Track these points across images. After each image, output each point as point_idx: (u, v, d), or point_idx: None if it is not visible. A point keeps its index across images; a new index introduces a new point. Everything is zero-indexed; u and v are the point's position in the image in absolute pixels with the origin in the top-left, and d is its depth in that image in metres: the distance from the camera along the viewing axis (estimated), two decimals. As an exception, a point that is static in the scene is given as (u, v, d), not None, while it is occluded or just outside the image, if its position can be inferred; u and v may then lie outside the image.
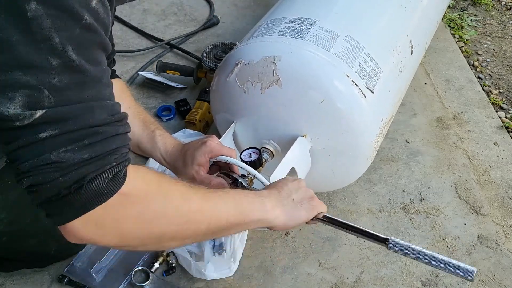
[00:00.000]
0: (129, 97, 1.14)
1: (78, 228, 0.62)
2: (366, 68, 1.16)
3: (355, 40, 1.18)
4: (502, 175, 1.54)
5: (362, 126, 1.15)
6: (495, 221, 1.41)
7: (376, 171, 1.53)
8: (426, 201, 1.46)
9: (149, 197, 0.67)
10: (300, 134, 1.18)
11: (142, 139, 1.08)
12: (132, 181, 0.65)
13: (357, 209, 1.43)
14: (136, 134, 1.06)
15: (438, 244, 1.35)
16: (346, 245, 1.34)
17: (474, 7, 2.39)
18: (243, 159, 1.15)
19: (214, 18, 2.14)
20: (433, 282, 1.26)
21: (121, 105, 0.69)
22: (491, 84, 1.95)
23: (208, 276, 1.20)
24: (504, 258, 1.32)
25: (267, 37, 1.18)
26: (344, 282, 1.26)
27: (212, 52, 1.76)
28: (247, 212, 0.85)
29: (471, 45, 2.15)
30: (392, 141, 1.63)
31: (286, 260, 1.30)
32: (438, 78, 1.91)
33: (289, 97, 1.13)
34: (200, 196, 0.77)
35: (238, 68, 1.17)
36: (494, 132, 1.69)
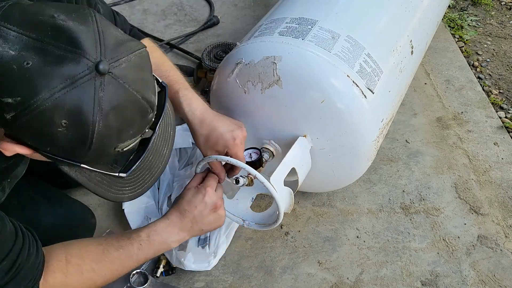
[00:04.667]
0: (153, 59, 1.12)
1: None
2: (366, 69, 1.16)
3: (356, 41, 1.18)
4: (502, 175, 1.54)
5: (362, 126, 1.15)
6: (495, 221, 1.41)
7: (376, 171, 1.53)
8: (426, 201, 1.46)
9: None
10: (300, 134, 1.18)
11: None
12: None
13: (357, 209, 1.43)
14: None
15: (438, 244, 1.35)
16: (346, 245, 1.34)
17: (474, 7, 2.39)
18: (243, 159, 1.15)
19: (214, 18, 2.13)
20: (433, 282, 1.26)
21: None
22: (491, 84, 1.95)
23: (186, 266, 1.22)
24: (504, 258, 1.32)
25: (267, 37, 1.18)
26: (344, 282, 1.26)
27: (212, 52, 1.75)
28: (153, 257, 1.02)
29: (471, 45, 2.15)
30: (392, 141, 1.63)
31: (286, 260, 1.30)
32: (438, 78, 1.91)
33: (290, 97, 1.13)
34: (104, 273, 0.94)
35: (238, 68, 1.17)
36: (494, 132, 1.69)
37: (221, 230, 1.28)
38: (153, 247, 1.00)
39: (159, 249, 1.02)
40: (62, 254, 0.91)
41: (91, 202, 1.39)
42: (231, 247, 1.30)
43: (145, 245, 0.99)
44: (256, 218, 1.20)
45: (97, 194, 0.81)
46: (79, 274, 0.91)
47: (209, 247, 1.26)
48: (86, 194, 1.43)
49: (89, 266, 0.92)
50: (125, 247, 0.97)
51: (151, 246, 0.99)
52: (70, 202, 1.27)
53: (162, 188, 1.40)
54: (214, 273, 1.26)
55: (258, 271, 1.27)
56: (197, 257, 1.23)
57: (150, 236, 0.99)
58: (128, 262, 0.98)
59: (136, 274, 1.22)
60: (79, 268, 0.91)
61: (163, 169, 0.89)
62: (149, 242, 0.99)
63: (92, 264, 0.93)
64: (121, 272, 0.98)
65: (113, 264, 0.95)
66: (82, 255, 0.93)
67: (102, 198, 1.37)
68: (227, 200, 1.24)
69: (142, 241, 0.98)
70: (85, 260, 0.93)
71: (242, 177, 1.09)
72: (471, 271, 1.29)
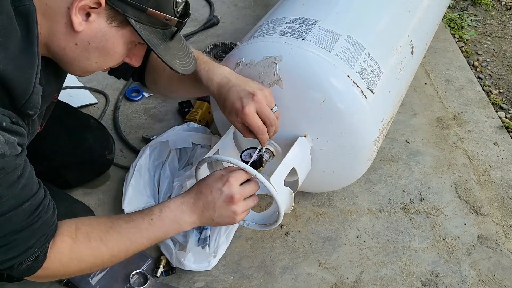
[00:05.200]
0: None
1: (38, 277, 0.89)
2: (366, 69, 1.16)
3: (356, 41, 1.18)
4: (502, 175, 1.54)
5: (362, 126, 1.15)
6: (495, 221, 1.41)
7: (376, 171, 1.53)
8: (426, 201, 1.46)
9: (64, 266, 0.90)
10: (300, 134, 1.18)
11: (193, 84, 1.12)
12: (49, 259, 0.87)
13: (357, 209, 1.43)
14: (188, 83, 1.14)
15: (438, 244, 1.35)
16: (346, 245, 1.34)
17: (474, 7, 2.39)
18: (243, 159, 1.15)
19: (214, 18, 2.14)
20: (433, 282, 1.26)
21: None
22: (491, 84, 1.95)
23: (186, 266, 1.21)
24: (504, 258, 1.32)
25: (268, 37, 1.18)
26: (344, 282, 1.26)
27: (212, 52, 1.76)
28: (163, 238, 1.00)
29: (471, 45, 2.15)
30: (392, 141, 1.63)
31: (286, 260, 1.30)
32: (438, 78, 1.91)
33: (290, 97, 1.13)
34: (112, 245, 0.93)
35: (239, 68, 1.17)
36: (494, 132, 1.69)
37: (221, 230, 1.28)
38: (164, 224, 0.97)
39: (170, 228, 0.98)
40: (73, 222, 0.92)
41: (91, 202, 1.39)
42: (231, 247, 1.30)
43: (156, 220, 0.96)
44: (256, 218, 1.20)
45: (158, 54, 0.85)
46: (87, 242, 0.90)
47: (209, 247, 1.26)
48: (87, 194, 1.43)
49: (97, 235, 0.91)
50: (135, 220, 0.95)
51: (162, 223, 0.97)
52: (70, 202, 1.27)
53: (162, 188, 1.40)
54: (214, 273, 1.26)
55: (258, 271, 1.28)
56: (197, 257, 1.23)
57: (162, 211, 0.97)
58: (137, 236, 0.95)
59: (136, 274, 1.22)
60: (87, 236, 0.90)
61: (195, 63, 0.97)
62: (160, 218, 0.97)
63: (100, 233, 0.92)
64: (129, 248, 0.95)
65: (122, 236, 0.93)
66: (91, 224, 0.93)
67: (102, 198, 1.39)
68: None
69: (154, 216, 0.96)
70: (94, 229, 0.92)
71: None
72: (471, 271, 1.29)
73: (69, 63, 0.86)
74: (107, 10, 0.78)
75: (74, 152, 1.32)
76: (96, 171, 1.44)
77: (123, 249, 0.94)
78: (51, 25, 0.79)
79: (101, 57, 0.86)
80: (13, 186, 0.76)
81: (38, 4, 0.75)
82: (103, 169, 1.44)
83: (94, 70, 0.90)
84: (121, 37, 0.84)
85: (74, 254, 0.90)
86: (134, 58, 0.92)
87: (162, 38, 0.88)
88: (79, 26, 0.78)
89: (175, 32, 0.90)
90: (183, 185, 1.37)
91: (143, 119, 1.69)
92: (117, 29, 0.82)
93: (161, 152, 1.45)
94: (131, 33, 0.84)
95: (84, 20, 0.78)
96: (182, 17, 0.90)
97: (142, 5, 0.80)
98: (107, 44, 0.83)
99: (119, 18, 0.81)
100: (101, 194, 1.44)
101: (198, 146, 1.47)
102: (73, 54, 0.83)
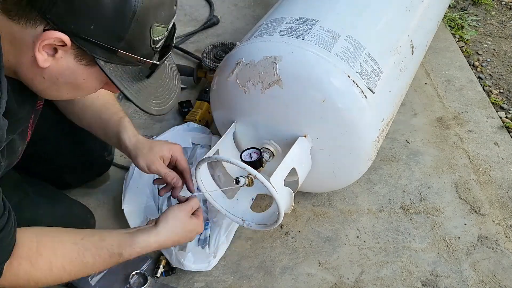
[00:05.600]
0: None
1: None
2: (367, 68, 1.16)
3: (356, 40, 1.18)
4: (502, 175, 1.54)
5: (362, 126, 1.15)
6: (495, 221, 1.41)
7: (376, 171, 1.52)
8: (427, 201, 1.45)
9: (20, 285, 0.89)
10: (300, 134, 1.18)
11: (110, 124, 1.17)
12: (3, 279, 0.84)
13: (357, 209, 1.43)
14: (104, 120, 1.17)
15: (438, 244, 1.35)
16: (346, 245, 1.34)
17: (475, 7, 2.39)
18: (243, 159, 1.15)
19: (214, 18, 2.13)
20: (433, 283, 1.26)
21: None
22: (492, 84, 1.95)
23: (186, 266, 1.21)
24: (504, 258, 1.32)
25: (267, 37, 1.18)
26: (344, 283, 1.25)
27: (212, 52, 1.75)
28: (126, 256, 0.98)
29: (471, 45, 2.15)
30: (392, 141, 1.63)
31: (286, 260, 1.30)
32: (438, 78, 1.91)
33: (290, 97, 1.13)
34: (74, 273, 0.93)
35: (238, 68, 1.16)
36: (494, 132, 1.69)
37: (221, 230, 1.28)
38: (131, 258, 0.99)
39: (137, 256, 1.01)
40: (34, 242, 0.89)
41: (90, 203, 1.39)
42: (231, 247, 1.30)
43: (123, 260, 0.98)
44: (256, 218, 1.20)
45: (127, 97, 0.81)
46: (48, 270, 0.89)
47: (209, 247, 1.26)
48: (86, 194, 1.43)
49: (60, 264, 0.90)
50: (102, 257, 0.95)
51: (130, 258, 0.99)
52: (69, 202, 1.27)
53: (162, 188, 1.40)
54: (214, 273, 1.26)
55: (258, 271, 1.27)
56: (197, 257, 1.23)
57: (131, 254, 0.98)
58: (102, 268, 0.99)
59: (135, 275, 1.22)
60: (49, 264, 0.89)
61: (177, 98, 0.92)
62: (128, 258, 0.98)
63: (64, 263, 0.91)
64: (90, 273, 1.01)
65: (86, 269, 0.95)
66: (55, 250, 0.91)
67: (101, 199, 1.39)
68: (227, 200, 1.24)
69: (122, 258, 0.97)
70: (58, 257, 0.91)
71: (243, 177, 1.09)
72: (472, 271, 1.28)
73: (39, 92, 0.83)
74: (74, 49, 0.74)
75: (74, 154, 1.32)
76: (95, 172, 1.43)
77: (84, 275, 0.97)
78: (18, 55, 0.75)
79: (72, 91, 0.83)
80: None
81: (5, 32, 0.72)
82: (102, 170, 1.44)
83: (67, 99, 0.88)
84: (91, 74, 0.79)
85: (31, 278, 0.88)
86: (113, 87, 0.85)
87: (137, 76, 0.82)
88: (44, 62, 0.74)
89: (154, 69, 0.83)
90: (183, 185, 1.37)
91: (143, 119, 1.69)
92: (87, 67, 0.78)
93: (161, 152, 1.45)
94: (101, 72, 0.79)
95: (50, 55, 0.74)
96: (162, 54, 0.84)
97: (111, 47, 0.75)
98: (76, 80, 0.80)
99: (87, 57, 0.76)
100: (100, 194, 1.44)
101: (198, 146, 1.47)
102: (42, 86, 0.80)
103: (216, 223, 1.29)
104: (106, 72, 0.77)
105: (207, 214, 1.33)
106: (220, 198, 1.23)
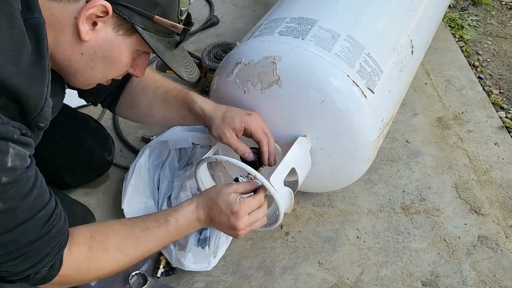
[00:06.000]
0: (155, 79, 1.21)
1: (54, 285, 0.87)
2: (366, 68, 1.16)
3: (356, 40, 1.18)
4: (502, 175, 1.54)
5: (362, 126, 1.15)
6: (495, 221, 1.41)
7: (376, 171, 1.52)
8: (427, 201, 1.45)
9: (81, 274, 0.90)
10: (300, 134, 1.18)
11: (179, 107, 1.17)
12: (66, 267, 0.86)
13: (358, 209, 1.43)
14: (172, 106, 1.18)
15: (438, 244, 1.34)
16: (346, 245, 1.34)
17: (475, 7, 2.39)
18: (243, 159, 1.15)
19: (214, 18, 2.13)
20: (433, 283, 1.26)
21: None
22: (492, 84, 1.95)
23: (186, 266, 1.21)
24: (504, 258, 1.32)
25: (267, 37, 1.18)
26: (344, 283, 1.25)
27: (212, 52, 1.75)
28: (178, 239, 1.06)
29: (471, 45, 2.15)
30: (392, 141, 1.63)
31: (286, 260, 1.30)
32: (438, 78, 1.91)
33: (290, 97, 1.13)
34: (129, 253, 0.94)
35: (238, 68, 1.16)
36: (494, 132, 1.69)
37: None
38: (180, 232, 1.00)
39: (184, 233, 1.02)
40: (86, 230, 0.91)
41: (91, 203, 1.39)
42: (231, 247, 1.30)
43: (173, 229, 0.98)
44: (256, 218, 1.19)
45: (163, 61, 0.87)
46: (104, 251, 0.90)
47: (209, 247, 1.26)
48: (86, 194, 1.43)
49: (113, 244, 0.92)
50: (151, 229, 0.96)
51: (179, 231, 0.99)
52: (70, 202, 1.27)
53: (162, 188, 1.40)
54: (214, 273, 1.26)
55: (258, 271, 1.27)
56: (197, 257, 1.23)
57: (178, 220, 0.98)
58: (154, 244, 0.97)
59: (135, 275, 1.22)
60: (104, 245, 0.90)
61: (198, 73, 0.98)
62: (177, 227, 0.98)
63: (117, 242, 0.92)
64: (145, 254, 0.97)
65: (139, 244, 0.95)
66: (106, 233, 0.93)
67: (101, 199, 1.38)
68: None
69: (170, 225, 0.97)
70: (110, 238, 0.92)
71: (242, 177, 1.08)
72: (472, 271, 1.28)
73: (73, 74, 0.86)
74: (114, 18, 0.79)
75: (74, 154, 1.32)
76: (95, 172, 1.44)
77: (140, 255, 0.96)
78: (57, 36, 0.78)
79: (106, 67, 0.86)
80: (26, 198, 0.76)
81: (45, 15, 0.75)
82: (102, 171, 1.44)
83: (97, 82, 0.90)
84: (127, 45, 0.84)
85: (92, 262, 0.90)
86: (137, 69, 0.93)
87: (167, 46, 0.88)
88: (85, 35, 0.78)
89: (180, 41, 0.91)
90: (182, 185, 1.37)
91: (143, 119, 1.69)
92: (124, 37, 0.82)
93: (160, 152, 1.45)
94: (137, 41, 0.84)
95: (90, 29, 0.78)
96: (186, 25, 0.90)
97: (149, 12, 0.80)
98: (113, 53, 0.83)
99: (125, 26, 0.81)
100: (100, 194, 1.44)
101: (198, 146, 1.47)
102: (78, 64, 0.83)
103: (216, 223, 1.29)
104: (144, 37, 0.81)
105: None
106: (220, 198, 1.22)
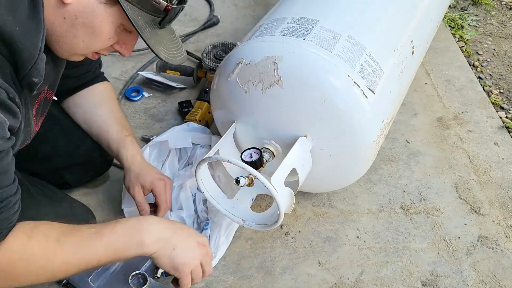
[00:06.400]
0: (111, 102, 1.30)
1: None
2: (367, 69, 1.16)
3: (357, 41, 1.18)
4: (502, 175, 1.54)
5: (363, 126, 1.15)
6: (495, 221, 1.41)
7: (376, 171, 1.52)
8: (427, 201, 1.45)
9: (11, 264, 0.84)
10: (301, 135, 1.18)
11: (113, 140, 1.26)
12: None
13: (358, 209, 1.43)
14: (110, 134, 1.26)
15: (438, 244, 1.35)
16: (346, 245, 1.34)
17: (475, 7, 2.39)
18: (243, 159, 1.15)
19: (214, 18, 2.13)
20: (434, 283, 1.26)
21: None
22: (492, 84, 1.95)
23: None
24: (504, 258, 1.32)
25: (268, 37, 1.18)
26: (344, 283, 1.25)
27: (212, 52, 1.75)
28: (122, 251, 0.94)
29: (471, 45, 2.15)
30: (392, 141, 1.63)
31: (286, 260, 1.30)
32: (438, 78, 1.91)
33: (290, 98, 1.13)
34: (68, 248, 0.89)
35: (239, 68, 1.16)
36: (494, 132, 1.69)
37: (221, 231, 1.28)
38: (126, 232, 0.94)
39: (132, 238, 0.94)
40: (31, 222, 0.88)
41: (91, 202, 1.39)
42: (231, 247, 1.30)
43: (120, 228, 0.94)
44: (256, 218, 1.20)
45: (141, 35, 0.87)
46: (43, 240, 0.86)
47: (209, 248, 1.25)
48: (86, 194, 1.43)
49: (55, 235, 0.88)
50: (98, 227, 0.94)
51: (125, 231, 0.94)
52: (70, 202, 1.26)
53: (162, 188, 1.40)
54: (214, 273, 1.25)
55: (258, 272, 1.27)
56: (197, 257, 1.23)
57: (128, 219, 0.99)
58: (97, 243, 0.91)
59: (135, 275, 1.22)
60: (45, 234, 0.87)
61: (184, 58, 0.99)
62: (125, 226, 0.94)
63: (59, 234, 0.88)
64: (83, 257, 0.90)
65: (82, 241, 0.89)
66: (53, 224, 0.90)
67: (101, 199, 1.39)
68: (227, 200, 1.23)
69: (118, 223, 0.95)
70: (54, 229, 0.89)
71: (243, 177, 1.09)
72: (472, 271, 1.29)
73: (57, 40, 0.87)
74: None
75: (74, 153, 1.32)
76: (95, 172, 1.44)
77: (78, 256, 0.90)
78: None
79: (88, 36, 0.87)
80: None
81: None
82: (102, 170, 1.44)
83: (81, 52, 0.91)
84: (109, 15, 0.85)
85: (25, 252, 0.85)
86: (124, 47, 0.93)
87: (150, 23, 0.88)
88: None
89: (165, 20, 0.91)
90: (182, 185, 1.36)
91: (143, 119, 1.69)
92: (105, 6, 0.84)
93: (160, 152, 1.45)
94: (118, 13, 0.85)
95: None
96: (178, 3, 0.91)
97: None
98: (94, 21, 0.84)
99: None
100: (100, 194, 1.44)
101: (198, 146, 1.47)
102: (61, 29, 0.84)
103: (216, 223, 1.29)
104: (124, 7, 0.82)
105: (207, 214, 1.33)
106: (220, 198, 1.23)
